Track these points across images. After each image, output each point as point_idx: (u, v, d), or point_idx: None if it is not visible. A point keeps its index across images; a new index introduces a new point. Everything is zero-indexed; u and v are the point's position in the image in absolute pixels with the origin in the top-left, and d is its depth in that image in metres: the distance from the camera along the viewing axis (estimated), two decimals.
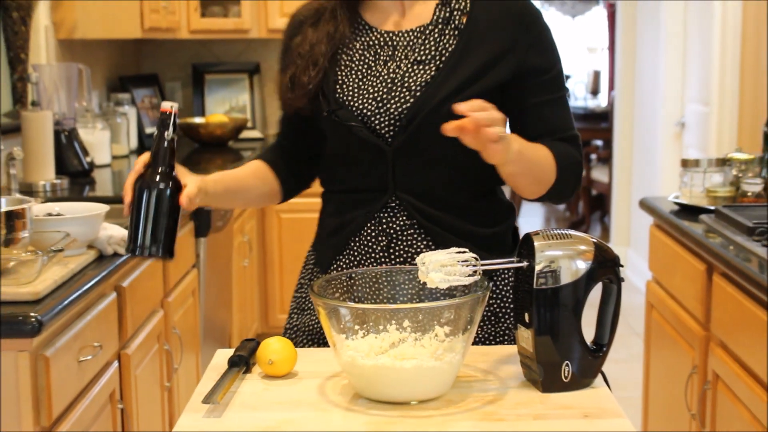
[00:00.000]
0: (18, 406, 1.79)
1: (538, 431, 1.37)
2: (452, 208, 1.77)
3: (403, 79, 1.74)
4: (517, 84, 1.75)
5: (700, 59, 5.12)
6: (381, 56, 1.78)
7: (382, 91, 1.75)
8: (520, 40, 1.74)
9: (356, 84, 1.77)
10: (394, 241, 1.78)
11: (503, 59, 1.74)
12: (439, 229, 1.77)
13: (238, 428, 1.39)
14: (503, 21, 1.75)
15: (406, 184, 1.76)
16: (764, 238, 2.23)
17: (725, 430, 2.31)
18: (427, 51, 1.75)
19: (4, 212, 1.89)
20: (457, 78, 1.72)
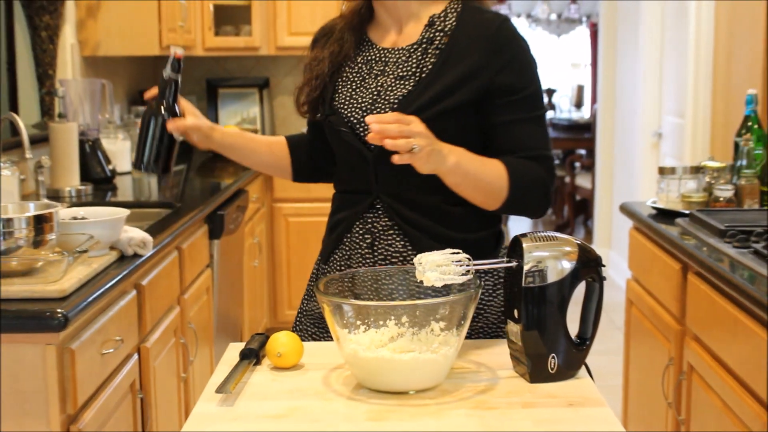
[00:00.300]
0: (46, 394, 1.78)
1: (526, 419, 1.37)
2: (429, 213, 1.77)
3: (386, 92, 1.76)
4: (489, 102, 1.74)
5: (676, 75, 5.13)
6: (374, 70, 1.80)
7: (369, 101, 1.77)
8: (493, 61, 1.73)
9: (349, 93, 1.80)
10: (377, 241, 1.79)
11: (475, 78, 1.72)
12: (415, 232, 1.77)
13: (249, 416, 1.39)
14: (479, 42, 1.74)
15: (387, 188, 1.77)
16: (735, 240, 2.23)
17: (699, 417, 2.30)
18: (409, 68, 1.77)
19: (33, 216, 1.89)
20: (430, 93, 1.72)
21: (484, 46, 1.74)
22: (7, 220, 1.88)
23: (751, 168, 2.68)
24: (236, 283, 3.85)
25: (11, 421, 1.79)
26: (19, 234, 1.87)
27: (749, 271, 2.02)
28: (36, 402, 1.78)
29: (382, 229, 1.79)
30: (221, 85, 5.14)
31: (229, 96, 5.14)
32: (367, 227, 1.80)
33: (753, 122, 2.75)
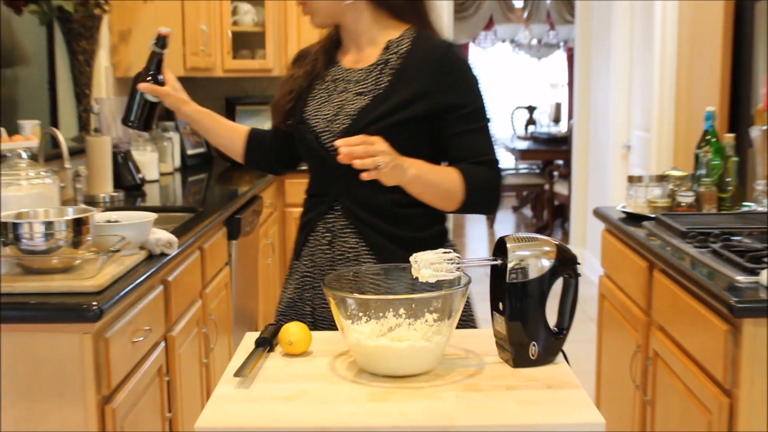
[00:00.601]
0: (83, 378, 1.79)
1: (510, 400, 1.37)
2: (381, 214, 1.82)
3: (346, 106, 1.81)
4: (440, 117, 1.78)
5: (643, 94, 5.13)
6: (338, 87, 1.86)
7: (332, 114, 1.82)
8: (439, 82, 1.78)
9: (316, 106, 1.86)
10: (336, 239, 1.85)
11: (424, 97, 1.77)
12: (369, 231, 1.82)
13: (263, 397, 1.39)
14: (426, 66, 1.79)
15: (345, 192, 1.82)
16: (695, 241, 2.23)
17: (663, 398, 2.30)
18: (367, 85, 1.81)
19: (71, 219, 1.90)
20: (384, 108, 1.77)
21: (432, 69, 1.78)
22: (48, 223, 1.88)
23: (710, 177, 2.69)
24: (252, 279, 3.85)
25: (53, 401, 1.79)
26: (60, 235, 1.87)
27: (708, 269, 2.02)
28: (74, 385, 1.78)
29: (341, 228, 1.84)
30: (238, 102, 5.15)
31: (245, 112, 5.14)
32: (327, 226, 1.86)
33: (711, 136, 2.75)
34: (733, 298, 1.79)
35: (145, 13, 3.83)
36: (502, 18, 9.91)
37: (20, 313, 1.76)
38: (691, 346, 2.07)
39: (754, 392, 1.80)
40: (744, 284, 1.87)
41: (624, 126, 5.58)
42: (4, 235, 1.86)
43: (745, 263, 1.94)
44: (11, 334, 1.77)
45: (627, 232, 2.60)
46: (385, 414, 1.32)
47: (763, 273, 1.87)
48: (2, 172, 2.12)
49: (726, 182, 2.70)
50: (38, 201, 2.09)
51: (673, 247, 2.28)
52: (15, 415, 1.79)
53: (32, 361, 1.78)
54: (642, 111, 5.16)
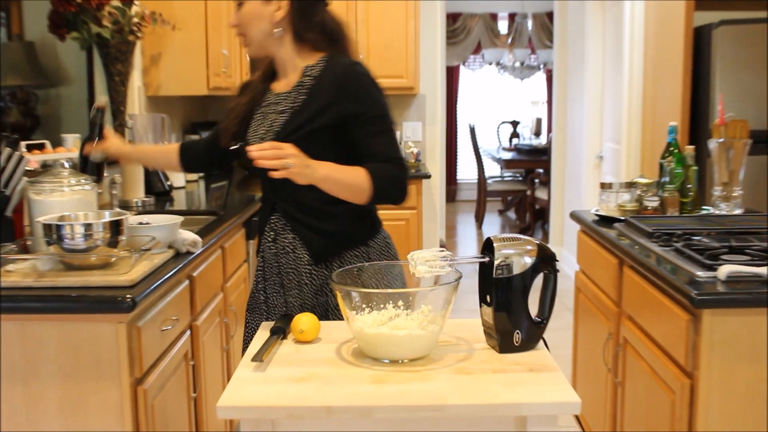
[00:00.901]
0: (118, 362, 1.79)
1: (496, 381, 1.37)
2: (313, 213, 1.90)
3: (272, 123, 1.91)
4: (346, 124, 1.85)
5: (613, 110, 5.14)
6: (270, 109, 1.95)
7: (263, 132, 1.92)
8: (341, 95, 1.85)
9: (254, 129, 1.95)
10: (278, 236, 1.95)
11: (330, 109, 1.85)
12: (302, 228, 1.92)
13: (277, 379, 1.39)
14: (331, 83, 1.87)
15: (281, 195, 1.93)
16: (660, 240, 2.23)
17: (632, 379, 2.30)
18: (287, 105, 1.91)
19: (108, 222, 1.90)
20: (298, 121, 1.86)
21: (336, 84, 1.86)
22: (87, 225, 1.88)
23: (673, 184, 2.69)
24: None
25: (92, 382, 1.79)
26: (97, 236, 1.87)
27: (671, 265, 2.02)
28: (110, 368, 1.79)
29: (281, 227, 1.95)
30: None
31: None
32: (271, 226, 1.97)
33: (674, 148, 2.75)
34: (693, 291, 1.79)
35: (173, 40, 3.84)
36: (489, 43, 9.91)
37: (63, 304, 1.76)
38: (657, 334, 2.07)
39: (712, 374, 1.80)
40: (703, 279, 1.87)
41: (596, 138, 5.58)
42: (49, 235, 1.86)
43: (705, 260, 1.94)
44: (55, 324, 1.78)
45: (600, 233, 2.60)
46: (386, 394, 1.32)
47: (720, 269, 1.87)
48: (47, 179, 2.12)
49: (687, 188, 2.70)
50: (79, 206, 2.09)
51: (640, 246, 2.28)
52: (59, 394, 1.79)
53: (73, 347, 1.78)
54: (612, 125, 5.17)
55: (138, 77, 3.81)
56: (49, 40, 3.49)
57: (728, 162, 2.57)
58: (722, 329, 1.79)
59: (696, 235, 2.22)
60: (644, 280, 2.17)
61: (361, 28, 4.82)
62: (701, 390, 1.81)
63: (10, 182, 2.10)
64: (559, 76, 6.46)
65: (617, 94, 4.99)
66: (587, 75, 5.63)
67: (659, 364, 2.03)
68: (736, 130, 2.57)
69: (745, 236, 2.20)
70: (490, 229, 8.32)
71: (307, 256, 1.91)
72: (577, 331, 3.04)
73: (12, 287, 1.81)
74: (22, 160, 2.12)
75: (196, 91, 3.94)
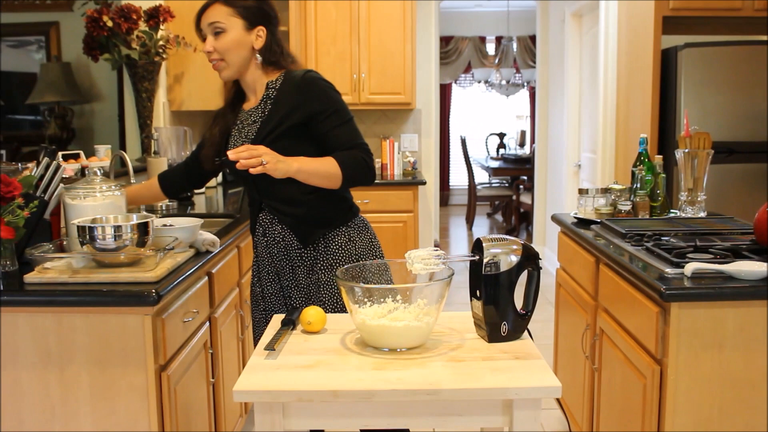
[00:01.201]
0: (144, 350, 1.78)
1: (486, 368, 1.36)
2: (294, 203, 1.96)
3: (247, 134, 1.97)
4: (311, 122, 1.91)
5: (590, 123, 5.13)
6: (243, 124, 2.00)
7: (239, 143, 1.98)
8: (302, 98, 1.91)
9: (233, 142, 2.01)
10: (267, 231, 2.01)
11: (294, 112, 1.91)
12: (288, 218, 1.97)
13: (287, 366, 1.38)
14: (292, 90, 1.93)
15: (266, 192, 1.98)
16: (632, 241, 2.22)
17: (608, 366, 2.29)
18: (256, 116, 1.97)
19: (135, 224, 1.89)
20: (267, 128, 1.92)
21: (295, 90, 1.93)
22: (117, 227, 1.88)
23: (643, 189, 2.68)
24: None
25: (121, 368, 1.78)
26: (126, 237, 1.87)
27: (643, 263, 2.01)
28: (137, 355, 1.78)
29: (269, 222, 2.00)
30: None
31: None
32: (260, 222, 2.02)
33: (644, 157, 2.74)
34: (662, 286, 1.78)
35: (194, 60, 3.83)
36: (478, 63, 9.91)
37: (94, 298, 1.76)
38: (630, 325, 2.06)
39: (680, 361, 1.79)
40: (671, 275, 1.86)
41: (575, 149, 5.57)
42: (83, 236, 1.85)
43: (672, 258, 1.93)
44: (87, 316, 1.77)
45: (578, 234, 2.59)
46: (386, 379, 1.31)
47: (686, 266, 1.86)
48: (81, 186, 2.11)
49: (656, 194, 2.69)
50: (109, 209, 2.08)
51: (615, 245, 2.27)
52: (90, 379, 1.79)
53: (104, 337, 1.77)
54: (589, 137, 5.16)
55: (163, 94, 3.80)
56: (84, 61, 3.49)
57: (693, 170, 2.56)
58: (688, 321, 1.78)
59: (665, 236, 2.21)
60: (618, 277, 2.16)
61: (363, 49, 4.82)
62: (669, 375, 1.80)
63: (48, 188, 2.09)
64: (541, 93, 6.46)
65: (593, 108, 4.98)
66: (566, 92, 5.63)
67: (632, 352, 2.02)
68: (700, 142, 2.56)
69: (708, 237, 2.20)
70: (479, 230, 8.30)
71: (296, 241, 1.98)
72: (558, 323, 3.03)
73: (49, 283, 1.81)
74: (59, 168, 2.11)
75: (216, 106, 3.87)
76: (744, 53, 3.59)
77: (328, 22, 4.81)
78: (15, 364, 1.78)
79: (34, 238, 2.02)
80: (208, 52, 1.94)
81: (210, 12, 1.93)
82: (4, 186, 1.89)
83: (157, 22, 3.46)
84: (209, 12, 1.93)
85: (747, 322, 1.78)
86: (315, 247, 1.99)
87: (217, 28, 1.92)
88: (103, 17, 3.22)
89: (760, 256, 1.94)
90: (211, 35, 1.93)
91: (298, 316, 1.62)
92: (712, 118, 3.57)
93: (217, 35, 1.93)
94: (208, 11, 1.93)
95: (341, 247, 2.00)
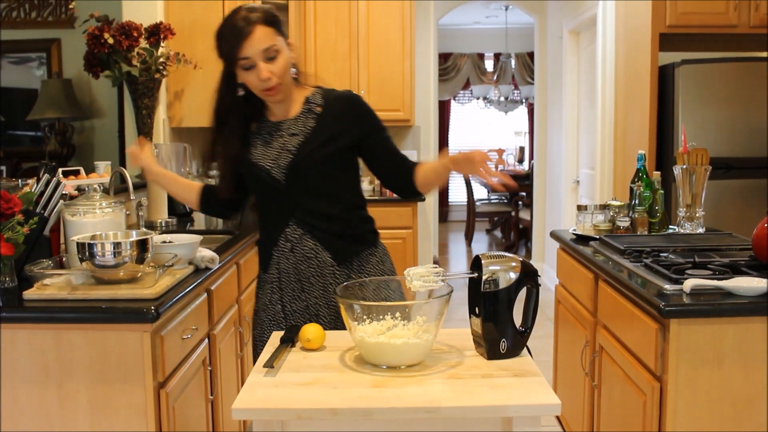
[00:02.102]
0: (143, 367, 1.77)
1: (485, 385, 1.36)
2: (328, 218, 1.89)
3: (286, 146, 1.89)
4: (364, 141, 1.90)
5: (588, 140, 5.15)
6: (274, 135, 1.92)
7: (275, 153, 1.89)
8: (356, 117, 1.90)
9: (261, 152, 1.90)
10: (295, 246, 1.91)
11: (345, 134, 1.88)
12: (322, 234, 1.89)
13: (286, 383, 1.38)
14: (342, 109, 1.90)
15: (298, 206, 1.89)
16: (631, 257, 2.22)
17: (607, 383, 2.29)
18: (298, 128, 1.90)
19: (135, 240, 1.89)
20: (315, 143, 1.87)
21: (345, 110, 1.90)
22: (117, 243, 1.88)
23: (642, 206, 2.68)
24: None
25: (119, 385, 1.78)
26: (125, 253, 1.87)
27: (641, 279, 2.02)
28: (136, 372, 1.77)
29: (297, 237, 1.90)
30: None
31: None
32: (286, 237, 1.91)
33: (643, 173, 2.75)
34: (661, 302, 1.78)
35: (194, 77, 3.85)
36: (476, 80, 9.95)
37: (93, 315, 1.75)
38: (629, 341, 2.06)
39: (679, 378, 1.79)
40: (670, 291, 1.86)
41: (573, 165, 5.59)
42: (82, 253, 1.85)
43: (671, 274, 1.93)
44: (86, 332, 1.77)
45: (577, 250, 2.60)
46: (385, 397, 1.31)
47: (685, 282, 1.86)
48: (81, 202, 2.12)
49: (655, 210, 2.70)
50: (109, 226, 2.09)
51: (613, 261, 2.27)
52: (89, 396, 1.78)
53: (103, 353, 1.77)
54: (588, 153, 5.18)
55: (163, 111, 3.82)
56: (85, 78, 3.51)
57: (691, 186, 2.57)
58: (688, 337, 1.78)
59: (663, 252, 2.22)
60: (617, 293, 2.16)
61: (363, 66, 4.85)
62: (669, 392, 1.80)
63: (48, 205, 2.10)
64: (539, 109, 6.48)
65: (592, 125, 5.00)
66: (564, 108, 5.65)
67: (631, 368, 2.02)
68: (698, 158, 2.57)
69: (707, 253, 2.20)
70: (478, 246, 8.30)
71: (330, 258, 1.89)
72: (557, 339, 3.03)
73: (48, 299, 1.81)
74: (59, 185, 2.11)
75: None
76: (741, 70, 3.61)
77: (328, 39, 4.84)
78: (14, 380, 1.78)
79: (34, 254, 2.02)
80: (266, 79, 1.79)
81: (257, 37, 1.76)
82: (4, 202, 1.89)
83: (157, 39, 3.48)
84: (256, 37, 1.76)
85: (746, 338, 1.78)
86: (349, 265, 1.91)
87: (273, 53, 1.79)
88: (104, 34, 3.24)
89: (759, 272, 1.94)
90: (263, 61, 1.78)
91: (297, 334, 1.61)
92: (710, 134, 3.58)
93: (272, 60, 1.79)
94: (254, 37, 1.76)
95: (375, 267, 1.93)
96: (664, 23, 3.62)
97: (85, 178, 2.75)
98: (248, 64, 1.78)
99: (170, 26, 3.54)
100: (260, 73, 1.78)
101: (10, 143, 4.02)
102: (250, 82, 1.82)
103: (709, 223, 2.76)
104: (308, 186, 1.86)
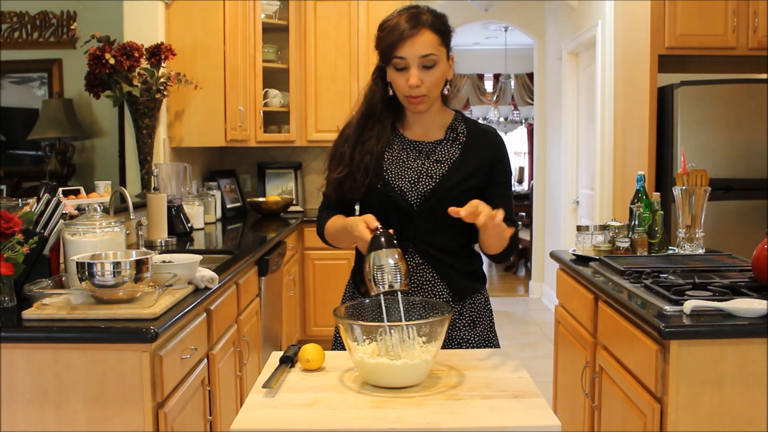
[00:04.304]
0: (141, 387, 1.77)
1: (484, 406, 1.36)
2: (450, 252, 1.81)
3: (428, 171, 1.77)
4: (491, 182, 1.79)
5: (588, 160, 5.17)
6: (412, 155, 1.80)
7: (414, 176, 1.77)
8: (495, 159, 1.80)
9: (397, 171, 1.78)
10: (412, 274, 1.79)
11: (485, 167, 1.78)
12: (442, 266, 1.80)
13: (286, 404, 1.38)
14: (487, 144, 1.81)
15: (423, 235, 1.78)
16: (631, 278, 2.23)
17: (608, 404, 2.28)
18: (442, 155, 1.79)
19: (134, 260, 1.90)
20: (460, 175, 1.76)
21: (490, 147, 1.81)
22: (116, 263, 1.88)
23: (641, 227, 2.69)
24: (277, 308, 3.84)
25: (118, 405, 1.78)
26: (125, 273, 1.87)
27: (641, 300, 2.02)
28: (135, 392, 1.77)
29: (416, 264, 1.79)
30: (268, 167, 5.18)
31: (273, 174, 5.17)
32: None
33: (642, 194, 2.76)
34: (661, 323, 1.78)
35: (195, 97, 3.88)
36: (476, 100, 10.02)
37: (92, 334, 1.76)
38: (629, 362, 2.06)
39: (680, 399, 1.79)
40: (670, 312, 1.87)
41: (573, 186, 5.60)
42: (81, 272, 1.86)
43: (671, 296, 1.94)
44: (85, 352, 1.77)
45: (577, 271, 2.60)
46: (384, 418, 1.31)
47: (685, 304, 1.87)
48: (81, 222, 2.13)
49: (654, 231, 2.71)
50: (108, 245, 2.10)
51: (613, 282, 2.27)
52: (88, 416, 1.78)
53: (101, 373, 1.77)
54: (587, 174, 5.20)
55: (163, 130, 3.84)
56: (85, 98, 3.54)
57: (691, 207, 2.58)
58: (688, 358, 1.78)
59: (663, 273, 2.22)
60: (617, 314, 2.16)
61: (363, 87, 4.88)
62: (670, 413, 1.79)
63: (48, 224, 2.11)
64: (539, 130, 6.52)
65: (591, 146, 5.03)
66: (564, 129, 5.68)
67: (632, 389, 2.02)
68: (697, 179, 2.58)
69: (707, 274, 2.20)
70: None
71: (446, 292, 1.80)
72: (557, 360, 3.02)
73: (47, 319, 1.81)
74: (59, 204, 2.13)
75: (215, 143, 3.97)
76: (739, 91, 3.64)
77: (328, 60, 4.88)
78: (12, 400, 1.78)
79: (33, 273, 2.03)
80: (415, 85, 1.69)
81: (421, 41, 1.67)
82: (4, 222, 1.90)
83: (158, 59, 3.52)
84: (420, 40, 1.67)
85: (747, 359, 1.78)
86: (462, 302, 1.83)
87: (430, 62, 1.69)
88: (105, 55, 3.27)
89: (759, 294, 1.95)
90: (418, 68, 1.68)
91: (296, 354, 1.62)
92: (709, 156, 3.60)
93: (428, 68, 1.70)
94: (417, 39, 1.67)
95: (484, 306, 1.87)
96: (663, 45, 3.66)
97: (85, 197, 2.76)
98: (402, 64, 1.70)
99: (171, 47, 3.57)
100: (411, 78, 1.69)
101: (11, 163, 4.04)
102: (398, 83, 1.73)
103: (708, 245, 2.77)
104: (441, 216, 1.69)
